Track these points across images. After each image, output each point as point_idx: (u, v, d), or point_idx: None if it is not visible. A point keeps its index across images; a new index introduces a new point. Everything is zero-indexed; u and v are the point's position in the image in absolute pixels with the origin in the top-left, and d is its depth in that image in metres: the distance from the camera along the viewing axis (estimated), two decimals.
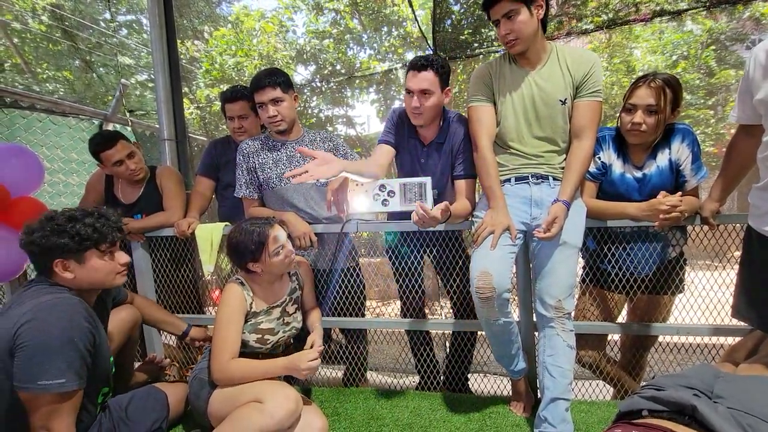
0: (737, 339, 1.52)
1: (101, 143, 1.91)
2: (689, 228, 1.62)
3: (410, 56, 8.36)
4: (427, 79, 1.56)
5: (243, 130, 2.06)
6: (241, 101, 2.02)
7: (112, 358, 1.41)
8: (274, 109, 1.74)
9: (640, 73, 1.77)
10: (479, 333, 1.88)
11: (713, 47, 6.88)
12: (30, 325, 1.11)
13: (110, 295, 1.55)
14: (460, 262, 1.82)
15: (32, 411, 1.12)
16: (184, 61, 8.26)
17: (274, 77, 1.73)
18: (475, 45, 3.49)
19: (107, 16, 9.64)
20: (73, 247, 1.23)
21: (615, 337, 1.84)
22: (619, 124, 1.57)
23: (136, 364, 2.01)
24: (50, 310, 1.15)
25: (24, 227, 1.27)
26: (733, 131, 1.42)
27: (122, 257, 1.36)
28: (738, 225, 1.57)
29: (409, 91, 1.58)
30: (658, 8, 2.55)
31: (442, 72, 1.58)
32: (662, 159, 1.54)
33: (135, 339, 1.72)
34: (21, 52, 8.89)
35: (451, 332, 1.91)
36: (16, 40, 8.83)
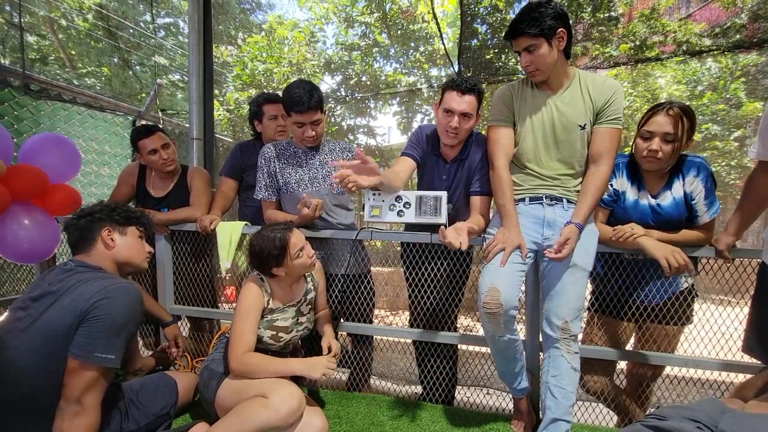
0: (748, 376, 1.49)
1: (142, 132, 2.07)
2: (703, 261, 1.61)
3: (435, 72, 8.47)
4: (469, 102, 1.61)
5: (285, 129, 2.20)
6: (279, 103, 2.12)
7: None
8: (313, 129, 1.79)
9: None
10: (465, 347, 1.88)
11: (743, 79, 6.76)
12: (106, 302, 1.21)
13: None
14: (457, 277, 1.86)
15: (73, 380, 1.19)
16: (216, 65, 8.57)
17: (314, 97, 1.72)
18: (499, 65, 3.54)
19: (147, 17, 10.10)
20: (121, 219, 1.45)
21: (622, 364, 1.82)
22: (633, 151, 1.58)
23: (149, 352, 2.09)
24: (122, 292, 1.25)
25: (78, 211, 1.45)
26: None
27: (148, 247, 1.56)
28: (755, 261, 1.55)
29: (448, 111, 1.62)
30: (684, 39, 2.56)
31: (480, 98, 1.65)
32: (677, 191, 1.54)
33: None
34: (65, 47, 9.38)
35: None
36: (61, 36, 9.33)
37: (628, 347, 1.76)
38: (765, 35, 2.47)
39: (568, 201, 1.53)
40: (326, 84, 8.73)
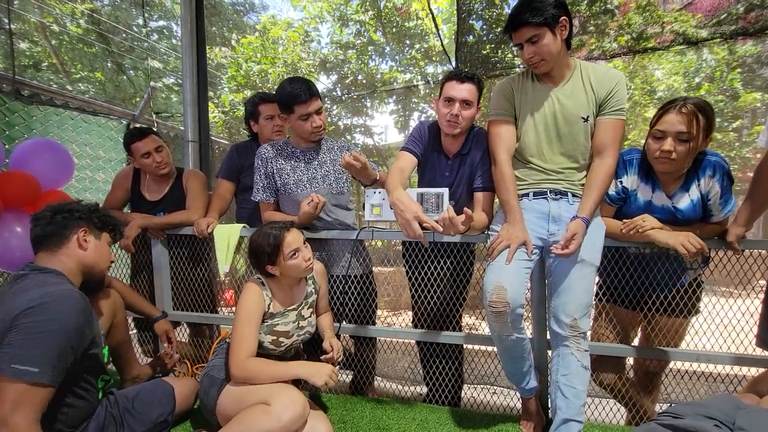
0: (761, 370, 1.46)
1: (135, 135, 2.02)
2: (712, 252, 1.58)
3: (431, 69, 8.43)
4: (469, 90, 1.59)
5: (281, 129, 2.16)
6: (275, 103, 2.06)
7: (106, 348, 1.46)
8: (319, 118, 1.77)
9: (661, 94, 1.73)
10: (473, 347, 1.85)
11: (739, 70, 6.75)
12: (29, 311, 1.12)
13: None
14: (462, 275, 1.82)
15: None
16: (210, 66, 8.51)
17: (312, 87, 1.73)
18: (496, 60, 3.51)
19: (140, 21, 10.03)
20: (99, 223, 1.44)
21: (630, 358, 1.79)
22: (645, 149, 1.49)
23: (148, 359, 2.05)
24: (52, 299, 1.15)
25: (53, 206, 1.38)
26: (759, 155, 1.39)
27: (113, 255, 1.55)
28: (764, 251, 1.52)
29: (449, 99, 1.60)
30: (681, 30, 2.53)
31: (480, 88, 1.63)
32: (694, 192, 1.46)
33: (120, 321, 1.73)
34: (58, 53, 9.30)
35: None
36: (54, 41, 9.25)
37: (636, 342, 1.73)
38: (764, 23, 2.44)
39: (573, 195, 1.50)
40: (322, 83, 8.69)
